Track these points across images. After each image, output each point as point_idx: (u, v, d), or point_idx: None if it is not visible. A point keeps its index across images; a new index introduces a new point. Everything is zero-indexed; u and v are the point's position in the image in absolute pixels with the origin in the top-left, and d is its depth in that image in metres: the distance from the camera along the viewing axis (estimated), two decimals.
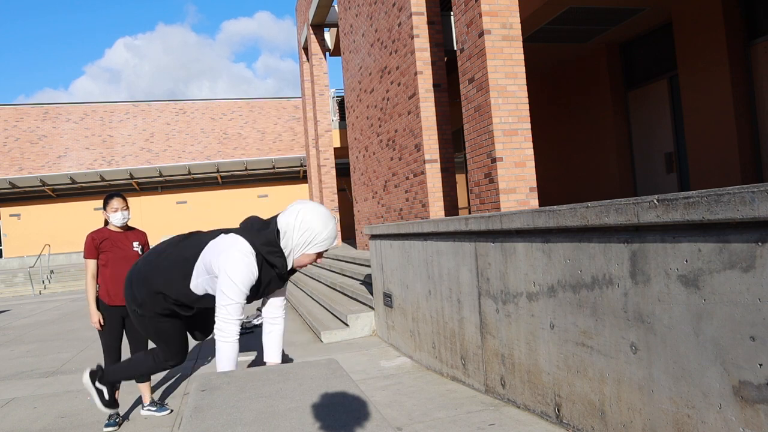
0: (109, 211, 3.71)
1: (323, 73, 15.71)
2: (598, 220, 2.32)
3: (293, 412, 1.50)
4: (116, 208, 3.71)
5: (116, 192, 3.86)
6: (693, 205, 1.84)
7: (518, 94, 5.28)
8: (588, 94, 10.15)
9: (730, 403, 1.83)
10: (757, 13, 7.26)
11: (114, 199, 3.75)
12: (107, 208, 3.72)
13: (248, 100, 27.85)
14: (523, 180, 5.25)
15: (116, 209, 3.71)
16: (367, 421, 1.43)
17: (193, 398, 1.72)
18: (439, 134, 7.30)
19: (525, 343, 3.00)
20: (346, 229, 19.70)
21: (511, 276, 3.09)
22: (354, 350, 5.14)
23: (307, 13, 15.40)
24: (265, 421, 1.46)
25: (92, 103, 26.49)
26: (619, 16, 8.22)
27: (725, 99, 7.40)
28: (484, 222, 3.27)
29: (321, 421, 1.43)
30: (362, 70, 10.08)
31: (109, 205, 3.72)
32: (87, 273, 3.69)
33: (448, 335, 3.96)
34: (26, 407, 4.22)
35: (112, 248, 3.72)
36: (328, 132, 15.79)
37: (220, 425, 1.45)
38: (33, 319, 10.51)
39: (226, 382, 1.86)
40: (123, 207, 3.76)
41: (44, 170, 24.80)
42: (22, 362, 6.23)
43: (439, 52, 7.31)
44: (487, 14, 5.23)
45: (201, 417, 1.52)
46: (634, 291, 2.21)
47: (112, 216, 3.71)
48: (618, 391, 2.35)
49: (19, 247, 23.87)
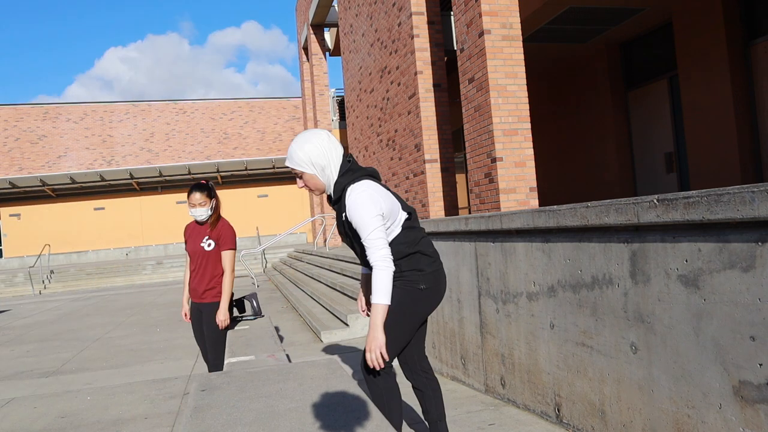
0: (189, 205, 3.55)
1: (323, 73, 15.72)
2: (598, 220, 2.32)
3: (293, 412, 1.50)
4: (192, 203, 3.52)
5: (199, 184, 3.57)
6: (693, 205, 1.84)
7: (518, 93, 5.28)
8: (588, 93, 10.15)
9: (730, 403, 1.83)
10: (757, 13, 7.25)
11: (192, 193, 3.53)
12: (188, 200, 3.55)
13: (248, 100, 27.85)
14: (523, 180, 5.25)
15: (193, 204, 3.52)
16: (367, 421, 1.43)
17: (193, 398, 1.72)
18: (439, 134, 7.30)
19: (525, 343, 3.00)
20: None
21: (511, 276, 3.09)
22: (354, 350, 5.14)
23: (307, 13, 15.40)
24: (265, 421, 1.46)
25: (92, 103, 26.49)
26: (619, 16, 8.22)
27: (725, 99, 7.40)
28: (484, 222, 3.27)
29: (321, 421, 1.43)
30: (362, 70, 10.08)
31: (189, 199, 3.54)
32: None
33: (448, 335, 3.96)
34: (26, 407, 4.21)
35: (189, 241, 3.64)
36: None
37: (220, 425, 1.45)
38: (33, 319, 10.51)
39: (226, 382, 1.86)
40: (199, 203, 3.51)
41: (44, 170, 24.79)
42: (22, 362, 6.23)
43: (439, 52, 7.31)
44: (487, 14, 5.23)
45: (201, 417, 1.53)
46: (634, 291, 2.21)
47: (190, 210, 3.55)
48: (618, 391, 2.35)
49: (19, 247, 23.87)
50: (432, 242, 2.45)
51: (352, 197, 2.23)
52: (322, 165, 2.30)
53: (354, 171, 2.32)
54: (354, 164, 2.36)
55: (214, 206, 3.58)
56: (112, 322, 9.27)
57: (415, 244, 2.33)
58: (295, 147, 2.31)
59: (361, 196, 2.22)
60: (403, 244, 2.32)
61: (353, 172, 2.31)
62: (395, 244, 2.31)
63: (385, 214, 2.26)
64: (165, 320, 8.94)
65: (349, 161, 2.36)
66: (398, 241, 2.32)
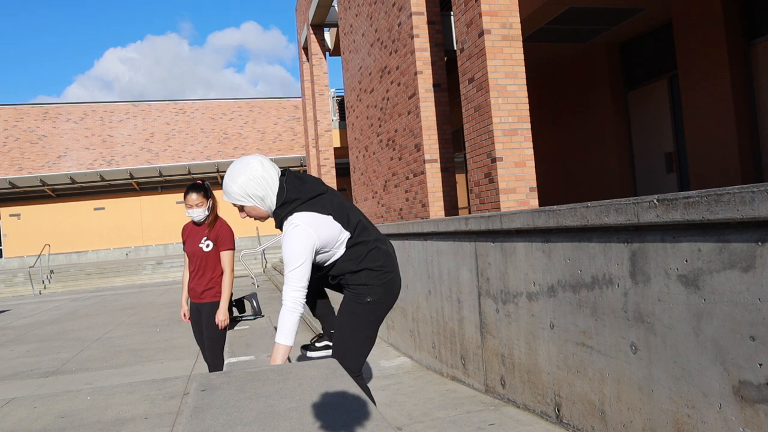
0: (185, 206, 3.52)
1: (323, 73, 15.72)
2: (598, 220, 2.32)
3: (293, 412, 1.50)
4: (189, 204, 3.49)
5: (195, 185, 3.53)
6: (693, 205, 1.84)
7: (518, 93, 5.28)
8: (588, 94, 10.14)
9: (730, 403, 1.83)
10: (757, 13, 7.25)
11: (188, 194, 3.48)
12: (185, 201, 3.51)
13: (248, 100, 27.85)
14: (523, 180, 5.25)
15: (190, 205, 3.49)
16: (367, 421, 1.43)
17: (193, 398, 1.72)
18: (439, 134, 7.30)
19: (525, 343, 3.00)
20: None
21: (511, 276, 3.09)
22: None
23: (307, 13, 15.40)
24: (265, 421, 1.46)
25: (92, 103, 26.50)
26: (618, 16, 8.22)
27: (725, 99, 7.40)
28: (484, 222, 3.27)
29: (321, 421, 1.43)
30: (362, 70, 10.08)
31: (185, 199, 3.50)
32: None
33: (448, 335, 3.96)
34: (26, 407, 4.21)
35: (187, 242, 3.62)
36: (328, 132, 15.79)
37: (220, 425, 1.45)
38: (33, 319, 10.51)
39: (226, 382, 1.86)
40: (196, 203, 3.48)
41: (44, 170, 24.80)
42: (22, 362, 6.23)
43: (439, 52, 7.31)
44: (487, 14, 5.23)
45: (201, 417, 1.52)
46: (634, 291, 2.21)
47: (187, 211, 3.52)
48: (618, 391, 2.35)
49: (19, 247, 23.87)
50: (384, 251, 2.46)
51: (286, 233, 2.23)
52: (260, 195, 2.25)
53: (289, 202, 2.25)
54: (291, 191, 2.27)
55: (211, 206, 3.55)
56: (112, 322, 9.27)
57: (361, 260, 2.38)
58: (228, 182, 2.25)
59: (294, 231, 2.20)
60: (348, 262, 2.38)
61: (289, 204, 2.25)
62: (341, 262, 2.38)
63: (321, 244, 2.27)
64: (165, 320, 8.94)
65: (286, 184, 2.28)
66: (343, 259, 2.38)
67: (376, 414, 1.46)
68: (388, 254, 2.46)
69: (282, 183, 2.29)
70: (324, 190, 2.36)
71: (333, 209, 2.32)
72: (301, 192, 2.28)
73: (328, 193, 2.37)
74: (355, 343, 2.42)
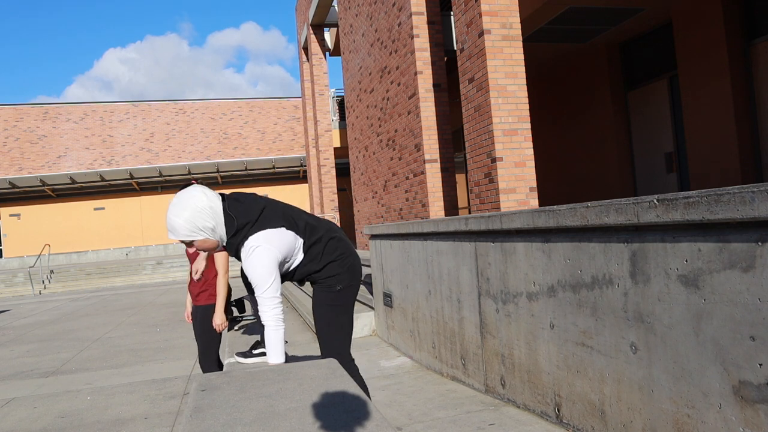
0: None
1: (323, 73, 15.72)
2: (598, 220, 2.33)
3: (293, 412, 1.50)
4: None
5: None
6: (693, 205, 1.84)
7: (518, 93, 5.28)
8: (588, 94, 10.15)
9: (730, 403, 1.83)
10: (757, 13, 7.25)
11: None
12: None
13: (248, 100, 27.85)
14: (523, 180, 5.25)
15: None
16: (367, 421, 1.43)
17: (193, 398, 1.72)
18: (439, 134, 7.30)
19: (525, 343, 3.00)
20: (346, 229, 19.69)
21: (511, 276, 3.09)
22: (354, 350, 5.13)
23: (307, 13, 15.40)
24: (265, 421, 1.46)
25: (92, 103, 26.50)
26: (618, 16, 8.22)
27: (725, 99, 7.40)
28: (484, 222, 3.27)
29: (321, 421, 1.43)
30: (362, 70, 10.08)
31: None
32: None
33: (448, 335, 3.96)
34: (26, 407, 4.21)
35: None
36: (328, 132, 15.79)
37: (220, 425, 1.45)
38: (33, 319, 10.51)
39: (226, 382, 1.86)
40: None
41: (44, 170, 24.81)
42: (22, 362, 6.24)
43: (439, 52, 7.31)
44: (487, 14, 5.23)
45: (201, 417, 1.52)
46: (634, 291, 2.21)
47: None
48: (618, 391, 2.35)
49: (19, 247, 23.87)
50: (337, 238, 2.58)
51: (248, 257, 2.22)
52: (210, 227, 2.19)
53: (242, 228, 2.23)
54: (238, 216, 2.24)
55: None
56: (112, 322, 9.28)
57: (320, 258, 2.49)
58: (172, 218, 2.15)
59: (256, 254, 2.21)
60: (310, 264, 2.49)
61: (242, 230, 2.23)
62: (302, 266, 2.48)
63: (282, 256, 2.31)
64: (165, 320, 8.94)
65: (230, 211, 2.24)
66: (304, 263, 2.48)
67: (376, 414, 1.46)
68: (341, 240, 2.58)
69: (226, 210, 2.24)
70: (264, 204, 2.35)
71: (282, 220, 2.34)
72: (248, 214, 2.26)
73: (268, 205, 2.37)
74: (337, 329, 2.63)
